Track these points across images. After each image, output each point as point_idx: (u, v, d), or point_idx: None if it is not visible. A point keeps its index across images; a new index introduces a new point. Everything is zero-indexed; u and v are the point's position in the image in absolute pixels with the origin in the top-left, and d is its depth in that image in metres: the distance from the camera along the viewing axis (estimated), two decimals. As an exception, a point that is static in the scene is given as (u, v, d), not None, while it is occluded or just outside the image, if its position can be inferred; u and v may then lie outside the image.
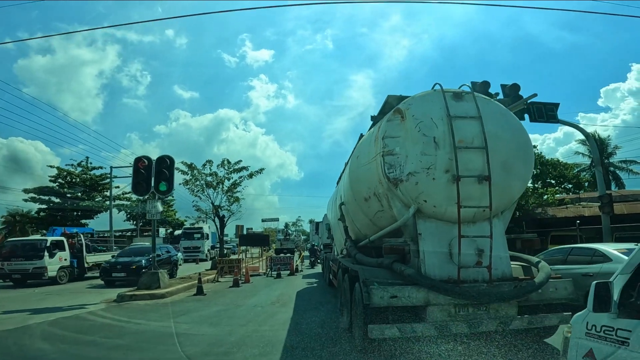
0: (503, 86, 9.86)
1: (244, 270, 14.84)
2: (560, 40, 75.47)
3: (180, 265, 18.87)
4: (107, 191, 30.97)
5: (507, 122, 4.79)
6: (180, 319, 7.49)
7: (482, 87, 9.15)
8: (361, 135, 6.49)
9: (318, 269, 19.66)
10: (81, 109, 76.43)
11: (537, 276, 4.38)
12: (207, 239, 31.46)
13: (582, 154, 32.94)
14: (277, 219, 56.07)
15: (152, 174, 11.11)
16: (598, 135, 31.36)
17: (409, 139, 4.55)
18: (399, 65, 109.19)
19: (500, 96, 9.68)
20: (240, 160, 20.23)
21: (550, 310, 4.39)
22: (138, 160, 11.36)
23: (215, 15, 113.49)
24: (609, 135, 31.50)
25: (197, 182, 19.28)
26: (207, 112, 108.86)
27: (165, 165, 11.28)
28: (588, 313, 2.63)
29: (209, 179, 19.37)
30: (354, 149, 6.38)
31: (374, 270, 4.81)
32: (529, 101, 10.42)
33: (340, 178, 8.82)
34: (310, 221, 43.07)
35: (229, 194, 19.75)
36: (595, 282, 2.50)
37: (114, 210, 30.61)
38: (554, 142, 62.43)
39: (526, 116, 10.22)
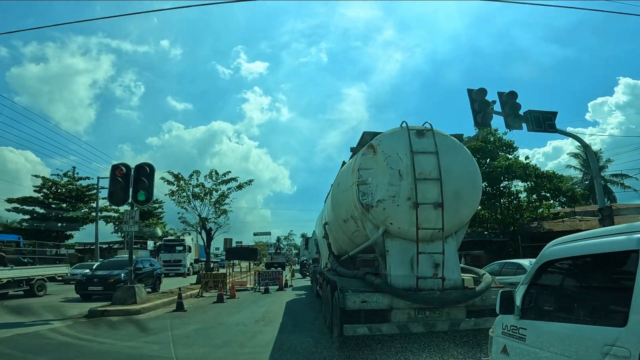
0: (500, 94, 9.93)
1: (230, 285, 14.86)
2: (549, 55, 78.92)
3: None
4: (93, 202, 31.08)
5: (459, 156, 6.00)
6: (152, 338, 7.10)
7: (479, 94, 9.70)
8: (343, 163, 7.67)
9: (308, 281, 20.54)
10: (73, 119, 77.80)
11: (479, 285, 5.54)
12: (189, 252, 31.05)
13: (574, 167, 34.10)
14: (269, 233, 57.30)
15: (130, 183, 10.90)
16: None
17: (379, 171, 5.73)
18: (391, 80, 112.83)
19: (497, 105, 9.93)
20: (229, 171, 20.33)
21: (494, 315, 5.51)
22: (115, 167, 11.12)
23: (211, 27, 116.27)
24: (600, 149, 33.30)
25: (184, 193, 19.43)
26: (200, 124, 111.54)
27: (144, 173, 11.02)
28: (503, 316, 3.26)
29: (196, 190, 19.57)
30: (337, 176, 7.56)
31: (350, 280, 5.94)
32: (524, 111, 9.93)
33: (326, 199, 9.98)
34: (302, 235, 44.19)
35: (216, 205, 19.84)
36: (501, 290, 3.23)
37: (101, 222, 31.11)
38: (544, 157, 64.65)
39: (524, 125, 10.01)
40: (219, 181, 19.96)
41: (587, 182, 32.90)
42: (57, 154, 74.99)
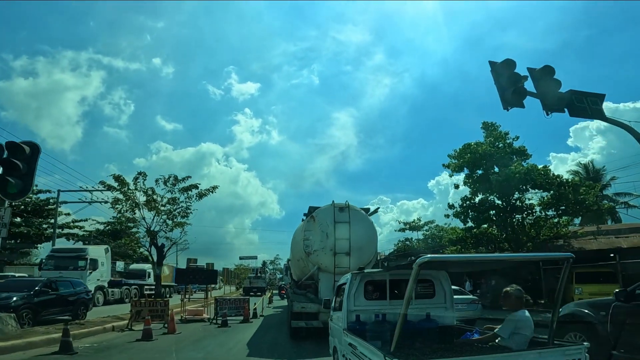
0: (531, 70, 9.60)
1: (170, 316, 12.44)
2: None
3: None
4: (52, 217, 30.94)
5: (363, 224, 11.46)
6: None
7: (505, 67, 9.11)
8: (302, 219, 13.10)
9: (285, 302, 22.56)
10: (59, 136, 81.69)
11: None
12: (95, 269, 22.65)
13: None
14: (255, 257, 61.45)
15: None
16: (593, 166, 36.31)
17: (316, 232, 11.20)
18: (380, 104, 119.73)
19: (530, 87, 9.55)
20: (189, 176, 18.67)
21: None
22: None
23: (203, 46, 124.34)
24: (603, 166, 35.45)
25: (129, 202, 17.64)
26: (189, 146, 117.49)
27: (22, 155, 8.66)
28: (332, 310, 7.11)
29: (142, 197, 17.85)
30: (294, 232, 13.07)
31: (299, 296, 11.39)
32: (568, 91, 9.50)
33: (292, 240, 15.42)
34: (288, 260, 48.32)
35: (169, 216, 18.24)
36: (324, 299, 8.33)
37: (64, 240, 30.91)
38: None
39: (566, 110, 9.58)
40: (175, 188, 18.14)
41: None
42: (40, 171, 75.19)
